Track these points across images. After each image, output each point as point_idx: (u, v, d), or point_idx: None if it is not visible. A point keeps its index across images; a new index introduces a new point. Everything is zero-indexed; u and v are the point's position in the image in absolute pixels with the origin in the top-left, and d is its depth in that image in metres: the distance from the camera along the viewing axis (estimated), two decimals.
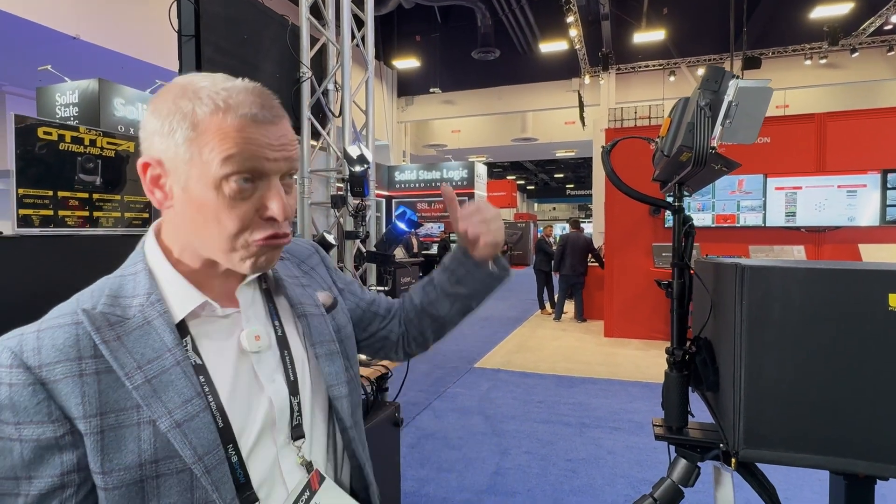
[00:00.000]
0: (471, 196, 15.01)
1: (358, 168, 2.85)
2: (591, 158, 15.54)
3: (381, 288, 2.88)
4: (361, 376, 2.24)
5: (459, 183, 15.10)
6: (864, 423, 1.05)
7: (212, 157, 0.56)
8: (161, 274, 0.63)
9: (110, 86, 6.05)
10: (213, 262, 0.64)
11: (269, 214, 0.60)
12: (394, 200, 15.35)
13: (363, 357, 2.39)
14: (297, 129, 3.08)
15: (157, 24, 8.05)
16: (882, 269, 1.01)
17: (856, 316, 1.02)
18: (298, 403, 0.68)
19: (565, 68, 14.72)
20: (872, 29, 11.82)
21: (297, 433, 0.67)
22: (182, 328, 0.61)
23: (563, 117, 16.84)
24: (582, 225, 8.66)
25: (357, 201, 3.10)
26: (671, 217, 1.49)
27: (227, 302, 0.66)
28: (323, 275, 0.84)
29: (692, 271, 1.47)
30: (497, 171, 27.22)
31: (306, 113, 3.08)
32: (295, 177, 0.68)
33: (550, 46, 13.36)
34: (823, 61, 12.85)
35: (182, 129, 0.57)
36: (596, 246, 8.59)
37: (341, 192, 3.22)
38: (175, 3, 2.22)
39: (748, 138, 1.07)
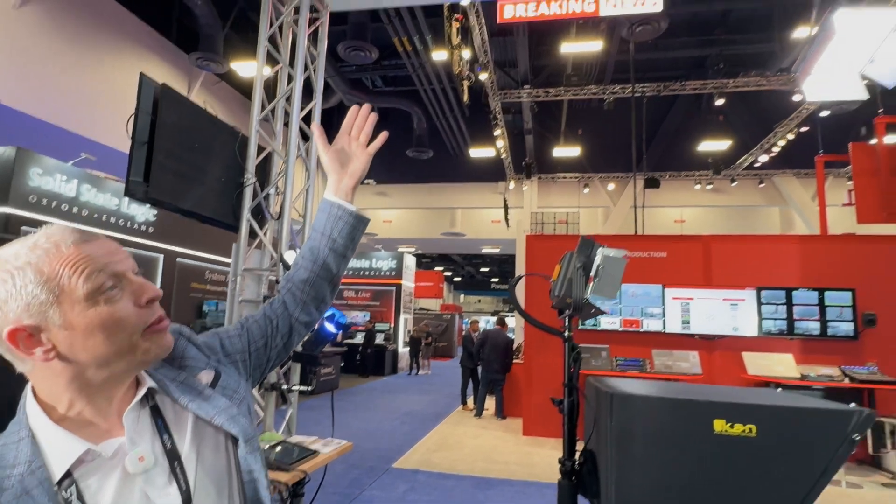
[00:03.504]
0: (398, 287, 15.24)
1: None
2: (514, 256, 16.49)
3: (305, 387, 2.93)
4: (278, 482, 2.25)
5: (388, 273, 15.35)
6: None
7: (74, 283, 0.63)
8: (43, 435, 0.64)
9: (28, 154, 5.80)
10: (103, 390, 0.67)
11: (146, 298, 0.69)
12: None
13: (278, 464, 2.40)
14: (236, 228, 3.22)
15: (86, 93, 7.85)
16: (710, 399, 1.31)
17: (690, 439, 1.30)
18: None
19: (493, 172, 15.96)
20: (746, 164, 14.04)
21: None
22: (70, 477, 0.63)
23: (489, 216, 17.94)
24: (507, 320, 8.98)
25: None
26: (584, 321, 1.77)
27: (119, 432, 0.69)
28: (194, 355, 0.83)
29: (581, 392, 1.73)
30: (426, 261, 27.89)
31: (246, 214, 3.24)
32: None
33: (479, 152, 14.55)
34: (710, 187, 14.95)
35: (31, 283, 0.62)
36: (515, 344, 8.84)
37: (273, 292, 3.33)
38: (133, 116, 2.39)
39: (611, 294, 1.38)
